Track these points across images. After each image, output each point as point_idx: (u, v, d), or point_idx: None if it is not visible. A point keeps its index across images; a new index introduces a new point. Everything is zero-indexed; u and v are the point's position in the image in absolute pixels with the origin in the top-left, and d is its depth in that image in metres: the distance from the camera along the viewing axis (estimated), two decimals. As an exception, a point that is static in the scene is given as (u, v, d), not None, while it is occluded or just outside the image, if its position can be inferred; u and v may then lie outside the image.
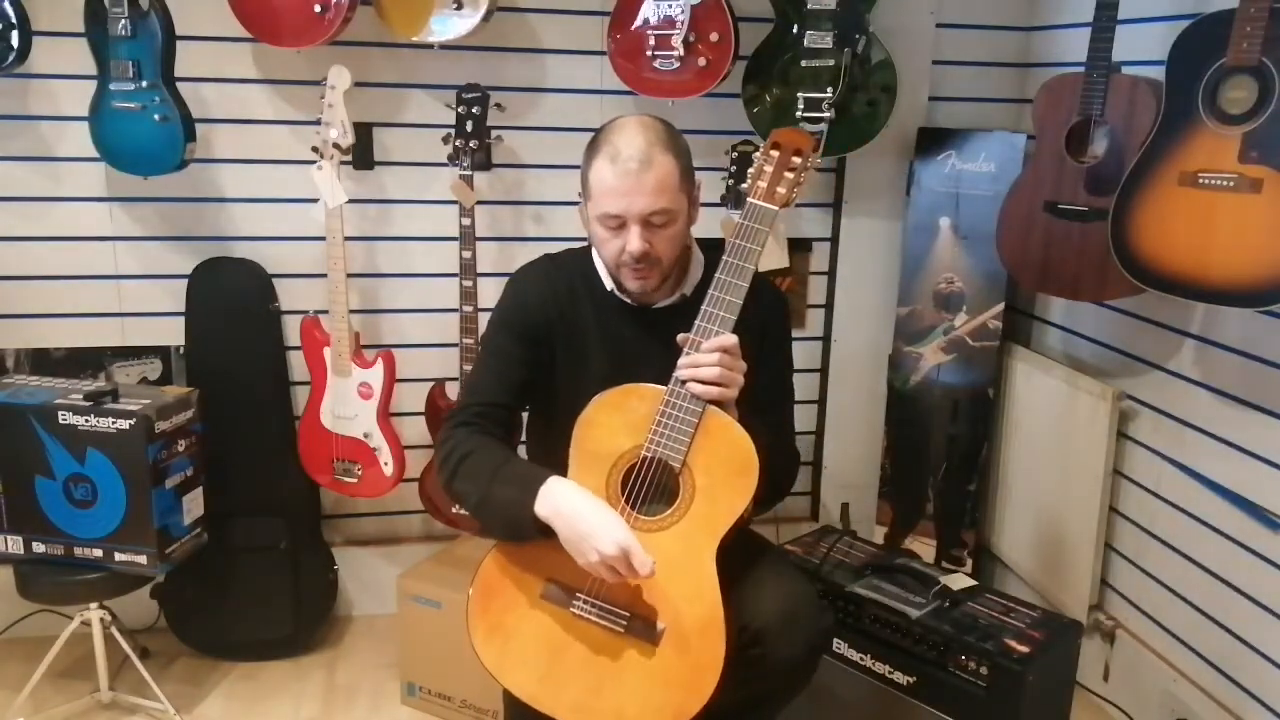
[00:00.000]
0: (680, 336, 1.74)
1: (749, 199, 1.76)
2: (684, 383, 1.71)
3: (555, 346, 1.90)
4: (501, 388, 1.89)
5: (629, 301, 1.90)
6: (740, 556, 1.84)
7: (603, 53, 2.67)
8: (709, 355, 1.71)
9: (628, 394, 1.76)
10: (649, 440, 1.73)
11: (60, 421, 2.29)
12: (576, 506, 1.70)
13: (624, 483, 1.75)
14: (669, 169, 1.77)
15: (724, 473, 1.72)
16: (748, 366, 1.77)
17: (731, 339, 1.72)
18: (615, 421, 1.76)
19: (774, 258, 2.78)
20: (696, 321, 1.74)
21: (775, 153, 1.77)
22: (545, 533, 1.72)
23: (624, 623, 1.71)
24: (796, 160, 1.76)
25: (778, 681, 1.80)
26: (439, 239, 2.78)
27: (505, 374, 1.90)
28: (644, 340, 1.87)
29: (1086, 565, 2.57)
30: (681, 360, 1.73)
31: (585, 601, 1.74)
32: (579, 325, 1.90)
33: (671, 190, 1.77)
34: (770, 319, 1.95)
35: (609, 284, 1.90)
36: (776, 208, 1.75)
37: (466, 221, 2.53)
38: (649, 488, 1.74)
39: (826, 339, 3.07)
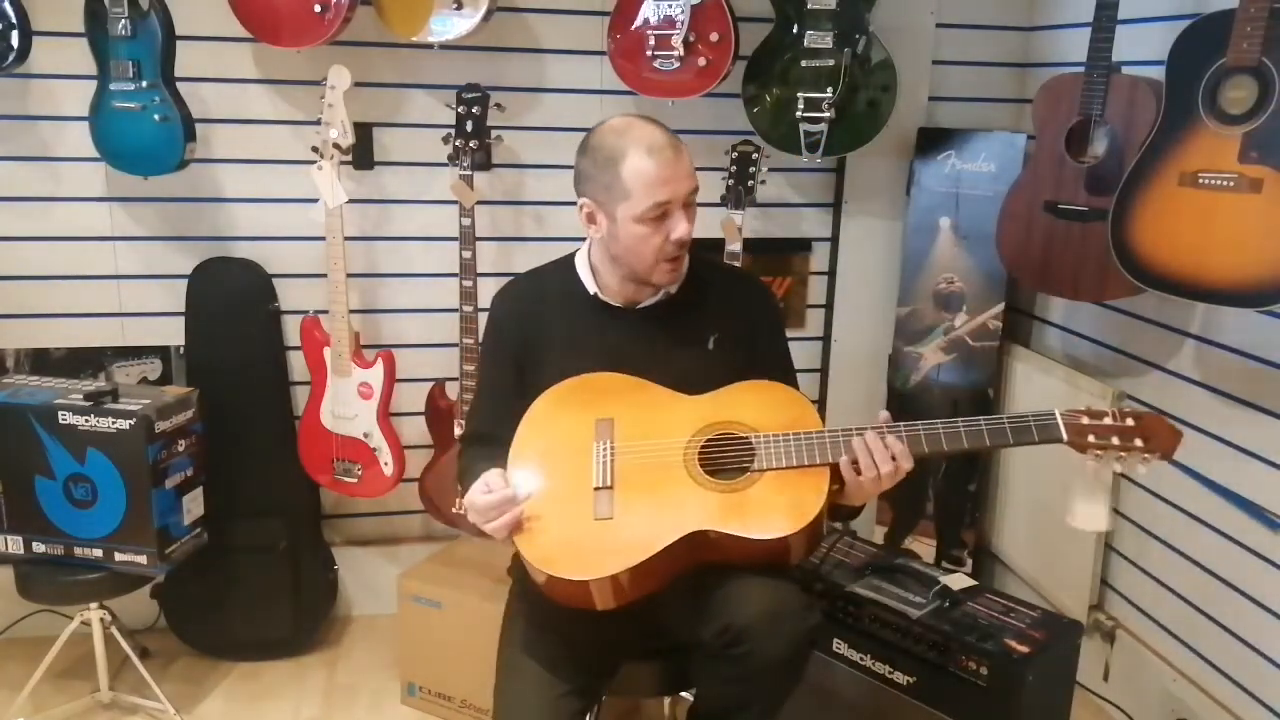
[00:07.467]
0: (883, 414, 1.76)
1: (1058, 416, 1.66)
2: (858, 435, 1.71)
3: (539, 360, 1.91)
4: (492, 417, 1.94)
5: (614, 303, 1.91)
6: None
7: (603, 53, 2.67)
8: (889, 458, 1.69)
9: (792, 397, 1.81)
10: (765, 437, 1.72)
11: (60, 421, 2.30)
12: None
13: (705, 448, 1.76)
14: (688, 151, 1.82)
15: (773, 510, 1.69)
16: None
17: (909, 465, 1.71)
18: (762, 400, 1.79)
19: (1093, 517, 2.07)
20: (929, 426, 1.71)
21: (1132, 423, 1.65)
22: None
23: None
24: (1137, 444, 1.64)
25: (765, 681, 1.78)
26: (439, 239, 2.78)
27: (493, 404, 1.96)
28: (629, 340, 1.88)
29: (1086, 565, 2.57)
30: (875, 439, 1.70)
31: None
32: (560, 333, 1.91)
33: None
34: (757, 314, 1.96)
35: (592, 288, 1.91)
36: (1066, 439, 1.65)
37: (466, 221, 2.53)
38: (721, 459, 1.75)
39: (826, 339, 3.07)
